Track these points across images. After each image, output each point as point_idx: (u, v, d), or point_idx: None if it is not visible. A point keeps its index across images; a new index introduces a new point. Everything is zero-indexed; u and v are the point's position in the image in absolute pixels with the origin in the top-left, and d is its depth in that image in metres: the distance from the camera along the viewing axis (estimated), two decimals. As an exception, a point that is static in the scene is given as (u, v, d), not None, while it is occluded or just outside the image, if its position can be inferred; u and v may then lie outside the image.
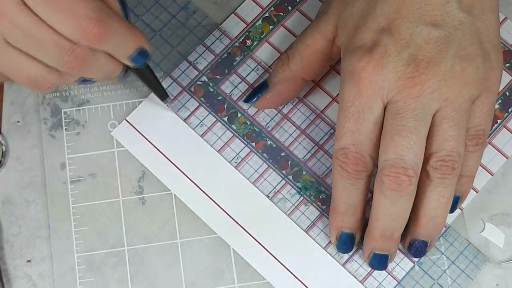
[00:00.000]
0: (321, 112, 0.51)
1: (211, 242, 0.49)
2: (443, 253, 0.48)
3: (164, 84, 0.51)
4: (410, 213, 0.44)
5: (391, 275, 0.48)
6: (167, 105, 0.49)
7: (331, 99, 0.51)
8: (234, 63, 0.52)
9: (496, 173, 0.50)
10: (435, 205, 0.44)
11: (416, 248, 0.46)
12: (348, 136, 0.43)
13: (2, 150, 0.50)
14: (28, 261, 0.49)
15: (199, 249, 0.49)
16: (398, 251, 0.48)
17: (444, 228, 0.49)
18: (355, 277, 0.48)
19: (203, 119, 0.50)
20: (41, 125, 0.51)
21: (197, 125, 0.50)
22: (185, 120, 0.50)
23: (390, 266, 0.48)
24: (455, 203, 0.47)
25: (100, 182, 0.50)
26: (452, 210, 0.47)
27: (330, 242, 0.48)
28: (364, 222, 0.46)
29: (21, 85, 0.43)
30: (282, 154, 0.50)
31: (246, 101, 0.50)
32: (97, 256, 0.49)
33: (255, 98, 0.49)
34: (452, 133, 0.42)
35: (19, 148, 0.51)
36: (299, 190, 0.49)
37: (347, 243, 0.47)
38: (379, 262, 0.46)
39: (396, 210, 0.43)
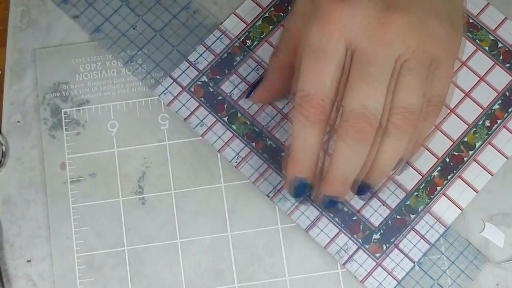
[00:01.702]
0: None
1: (211, 242, 0.49)
2: (443, 253, 0.48)
3: (164, 84, 0.51)
4: None
5: (391, 275, 0.48)
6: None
7: (331, 99, 0.51)
8: (234, 63, 0.52)
9: (496, 173, 0.50)
10: (385, 156, 0.43)
11: (361, 188, 0.46)
12: (312, 82, 0.42)
13: (2, 150, 0.50)
14: (28, 261, 0.49)
15: (199, 249, 0.49)
16: (398, 252, 0.48)
17: (444, 229, 0.49)
18: (356, 277, 0.48)
19: (203, 119, 0.50)
20: (41, 125, 0.51)
21: (197, 125, 0.50)
22: (185, 120, 0.50)
23: (390, 266, 0.48)
24: (399, 164, 0.46)
25: (100, 182, 0.50)
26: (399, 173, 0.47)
27: (331, 241, 0.48)
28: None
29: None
30: (282, 154, 0.50)
31: (247, 97, 0.50)
32: (97, 256, 0.49)
33: (252, 93, 0.50)
34: (414, 88, 0.41)
35: (19, 148, 0.51)
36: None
37: (302, 189, 0.46)
38: (330, 203, 0.46)
39: (355, 158, 0.43)
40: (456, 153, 0.51)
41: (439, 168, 0.50)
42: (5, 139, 0.51)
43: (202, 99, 0.51)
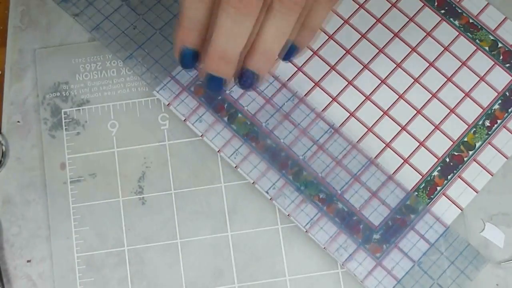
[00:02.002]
0: (322, 111, 0.51)
1: (211, 242, 0.49)
2: (442, 253, 0.48)
3: (164, 83, 0.51)
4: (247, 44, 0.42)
5: (390, 274, 0.48)
6: None
7: (331, 99, 0.51)
8: (234, 63, 0.51)
9: (496, 173, 0.50)
10: (268, 35, 0.41)
11: (246, 78, 0.44)
12: None
13: (2, 150, 0.50)
14: (28, 261, 0.49)
15: (199, 249, 0.49)
16: (396, 251, 0.48)
17: (444, 228, 0.49)
18: (355, 275, 0.48)
19: (203, 118, 0.50)
20: (41, 125, 0.51)
21: (197, 125, 0.50)
22: (185, 119, 0.50)
23: (390, 265, 0.48)
24: (291, 52, 0.45)
25: (100, 182, 0.50)
26: (286, 57, 0.45)
27: (330, 239, 0.48)
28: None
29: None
30: (283, 154, 0.50)
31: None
32: (97, 256, 0.49)
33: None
34: None
35: (19, 148, 0.51)
36: (298, 189, 0.49)
37: (188, 57, 0.44)
38: (214, 84, 0.44)
39: (236, 31, 0.41)
40: (456, 153, 0.51)
41: (439, 168, 0.50)
42: (5, 139, 0.51)
43: (202, 98, 0.51)
